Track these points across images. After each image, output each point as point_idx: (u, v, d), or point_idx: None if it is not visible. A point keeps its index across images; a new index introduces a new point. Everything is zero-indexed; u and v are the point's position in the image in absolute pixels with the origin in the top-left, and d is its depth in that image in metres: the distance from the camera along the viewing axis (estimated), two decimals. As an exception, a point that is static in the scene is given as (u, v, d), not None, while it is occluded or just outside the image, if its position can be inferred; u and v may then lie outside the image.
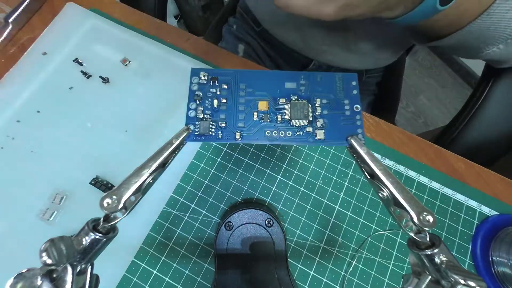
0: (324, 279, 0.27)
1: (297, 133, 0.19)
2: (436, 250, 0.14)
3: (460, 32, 0.27)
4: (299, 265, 0.28)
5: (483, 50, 0.30)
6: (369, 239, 0.29)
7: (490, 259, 0.28)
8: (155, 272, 0.27)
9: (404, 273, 0.28)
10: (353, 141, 0.19)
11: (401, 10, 0.24)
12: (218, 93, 0.20)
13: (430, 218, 0.15)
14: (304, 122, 0.20)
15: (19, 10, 0.34)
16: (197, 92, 0.20)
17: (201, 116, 0.19)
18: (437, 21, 0.26)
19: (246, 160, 0.31)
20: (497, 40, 0.29)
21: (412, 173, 0.31)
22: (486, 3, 0.25)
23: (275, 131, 0.19)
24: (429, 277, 0.14)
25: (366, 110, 0.56)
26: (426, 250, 0.14)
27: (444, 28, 0.28)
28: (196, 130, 0.19)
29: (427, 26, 0.27)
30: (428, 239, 0.15)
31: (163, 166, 0.17)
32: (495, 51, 0.30)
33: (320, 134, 0.19)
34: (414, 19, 0.25)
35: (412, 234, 0.15)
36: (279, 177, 0.31)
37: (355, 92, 0.20)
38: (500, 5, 0.25)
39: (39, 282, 0.12)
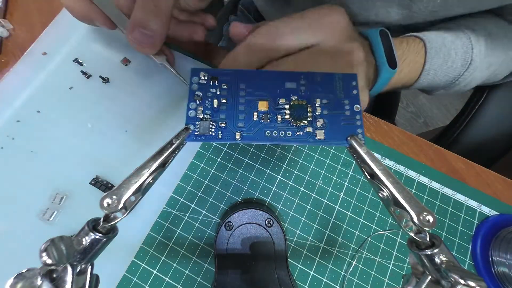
0: (324, 279, 0.27)
1: (297, 133, 0.19)
2: (436, 250, 0.14)
3: (413, 86, 0.36)
4: (299, 265, 0.28)
5: (440, 90, 0.39)
6: (369, 239, 0.29)
7: (490, 259, 0.28)
8: (155, 272, 0.27)
9: (404, 273, 0.28)
10: (353, 141, 0.19)
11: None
12: (218, 93, 0.20)
13: (430, 218, 0.15)
14: (304, 122, 0.20)
15: (19, 10, 0.34)
16: (197, 92, 0.20)
17: (201, 116, 0.19)
18: (396, 83, 0.34)
19: (246, 160, 0.31)
20: (443, 87, 0.37)
21: (412, 173, 0.31)
22: (418, 69, 0.33)
23: (275, 131, 0.19)
24: (429, 277, 0.14)
25: (367, 109, 0.56)
26: (426, 250, 0.14)
27: (404, 85, 0.36)
28: (196, 130, 0.19)
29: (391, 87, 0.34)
30: (428, 239, 0.15)
31: (163, 166, 0.17)
32: (454, 89, 0.38)
33: (320, 134, 0.19)
34: (382, 84, 0.30)
35: (412, 234, 0.15)
36: (279, 177, 0.31)
37: (355, 92, 0.20)
38: (429, 69, 0.33)
39: (39, 282, 0.12)
